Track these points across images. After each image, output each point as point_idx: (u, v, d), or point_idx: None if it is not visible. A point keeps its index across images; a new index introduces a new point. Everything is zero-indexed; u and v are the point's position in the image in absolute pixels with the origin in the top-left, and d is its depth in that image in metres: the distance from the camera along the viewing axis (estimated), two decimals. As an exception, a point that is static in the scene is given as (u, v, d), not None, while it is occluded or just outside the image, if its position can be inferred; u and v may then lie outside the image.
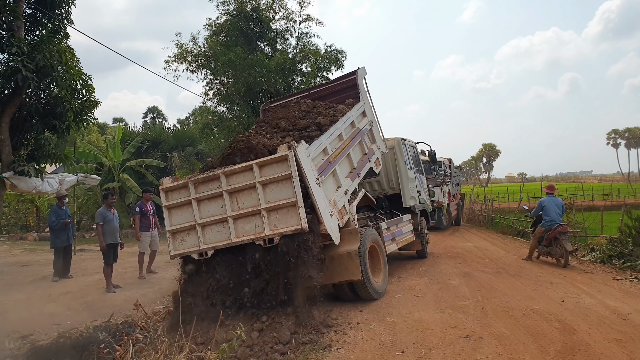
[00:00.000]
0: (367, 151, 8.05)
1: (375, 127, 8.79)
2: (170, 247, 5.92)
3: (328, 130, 6.59)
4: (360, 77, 8.68)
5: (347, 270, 6.06)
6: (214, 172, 5.62)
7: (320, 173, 5.90)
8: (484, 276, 8.29)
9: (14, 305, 7.19)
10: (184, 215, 5.86)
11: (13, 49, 8.50)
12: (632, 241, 9.20)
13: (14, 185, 9.41)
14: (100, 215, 8.36)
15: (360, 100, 8.35)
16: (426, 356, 4.37)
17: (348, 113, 7.50)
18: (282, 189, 5.29)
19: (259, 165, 5.38)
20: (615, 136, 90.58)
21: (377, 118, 8.96)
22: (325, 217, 5.61)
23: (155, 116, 64.71)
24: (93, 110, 10.36)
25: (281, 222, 5.25)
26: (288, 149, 5.26)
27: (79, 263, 10.57)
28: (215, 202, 5.65)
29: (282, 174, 5.25)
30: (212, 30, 20.43)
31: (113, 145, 18.88)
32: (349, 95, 8.70)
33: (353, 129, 7.62)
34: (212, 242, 5.58)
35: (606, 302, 6.23)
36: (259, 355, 4.46)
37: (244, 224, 5.48)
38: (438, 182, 17.48)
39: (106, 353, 3.90)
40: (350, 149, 7.21)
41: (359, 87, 8.56)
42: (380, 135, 9.03)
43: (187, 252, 5.73)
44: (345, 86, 8.86)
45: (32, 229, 18.67)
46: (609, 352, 4.34)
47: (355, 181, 7.22)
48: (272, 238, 5.20)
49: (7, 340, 5.86)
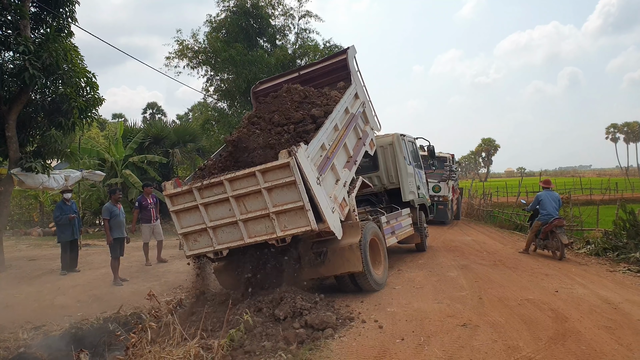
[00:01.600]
0: (361, 135, 8.00)
1: (368, 107, 8.65)
2: (185, 248, 6.08)
3: (324, 124, 6.51)
4: (350, 57, 8.37)
5: (349, 262, 6.27)
6: (216, 179, 5.70)
7: (320, 171, 5.98)
8: (482, 268, 8.52)
9: (25, 298, 7.40)
10: (192, 218, 5.97)
11: (20, 48, 8.65)
12: (626, 234, 9.43)
13: (21, 182, 9.61)
14: (107, 210, 8.57)
15: (351, 82, 8.10)
16: (425, 343, 4.59)
17: (341, 100, 7.30)
18: (288, 193, 5.42)
19: (262, 172, 5.47)
20: (614, 130, 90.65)
21: (369, 97, 8.75)
22: (328, 215, 5.75)
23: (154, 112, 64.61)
24: (97, 107, 10.54)
25: (291, 224, 5.42)
26: (289, 155, 5.31)
27: (85, 257, 10.78)
28: (222, 205, 5.76)
29: (285, 179, 5.36)
30: (212, 27, 20.57)
31: (115, 141, 19.05)
32: (340, 76, 8.48)
33: (347, 115, 7.52)
34: (226, 242, 5.75)
35: (598, 292, 6.46)
36: (265, 344, 4.66)
37: (254, 225, 5.64)
38: (444, 177, 17.81)
39: (123, 339, 4.10)
40: (346, 137, 7.17)
41: (350, 68, 8.28)
42: (373, 114, 8.89)
43: (202, 252, 5.92)
44: (336, 67, 8.56)
45: (36, 225, 18.86)
46: (598, 338, 4.57)
47: (353, 170, 7.27)
48: (284, 238, 5.40)
49: (20, 330, 6.09)
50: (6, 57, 9.56)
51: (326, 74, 8.70)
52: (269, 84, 9.15)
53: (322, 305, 5.67)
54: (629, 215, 9.52)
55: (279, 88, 8.55)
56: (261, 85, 9.27)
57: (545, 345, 4.40)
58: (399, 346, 4.57)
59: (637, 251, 8.76)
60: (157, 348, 4.04)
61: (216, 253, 5.83)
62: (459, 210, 21.39)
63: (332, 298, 6.56)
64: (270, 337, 4.70)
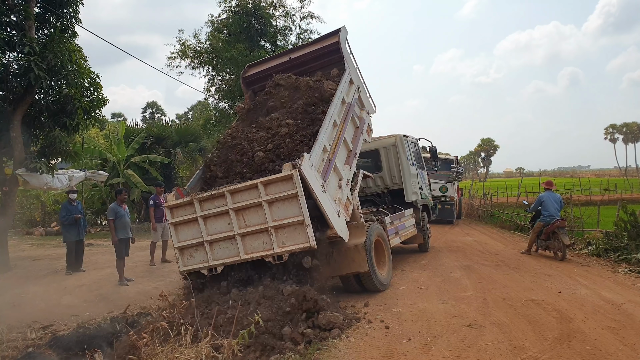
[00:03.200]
0: (359, 123, 7.80)
1: (363, 90, 8.32)
2: (179, 264, 6.03)
3: (323, 124, 6.31)
4: (342, 40, 7.90)
5: (354, 262, 6.34)
6: (218, 190, 5.70)
7: (324, 176, 5.95)
8: (485, 269, 8.58)
9: (31, 298, 7.43)
10: (190, 232, 5.94)
11: (25, 49, 8.69)
12: (627, 235, 9.49)
13: (26, 182, 9.65)
14: (112, 210, 8.61)
15: (345, 67, 7.72)
16: (432, 343, 4.65)
17: (337, 92, 6.98)
18: (288, 207, 5.36)
19: (264, 184, 5.45)
20: (613, 131, 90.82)
21: (362, 79, 8.35)
22: (334, 220, 5.80)
23: (154, 111, 64.57)
24: (101, 107, 10.59)
25: (289, 240, 5.33)
26: (293, 167, 5.28)
27: (89, 257, 10.80)
28: (222, 218, 5.73)
29: (287, 192, 5.31)
30: (214, 27, 20.66)
31: (117, 141, 19.08)
32: (332, 59, 8.07)
33: (344, 106, 7.27)
34: (222, 259, 5.70)
35: (601, 293, 6.52)
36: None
37: (252, 240, 5.57)
38: (451, 178, 18.67)
39: (135, 339, 4.15)
40: (345, 132, 7.00)
41: (343, 51, 7.83)
42: (368, 96, 8.55)
43: (196, 268, 5.85)
44: (328, 50, 8.09)
45: (38, 224, 18.88)
46: (602, 338, 4.63)
47: (353, 165, 7.20)
48: (281, 255, 5.33)
49: (28, 330, 6.12)
50: (11, 58, 9.60)
51: (318, 57, 8.26)
52: (258, 69, 8.73)
53: (329, 305, 5.72)
54: (630, 216, 9.58)
55: (268, 73, 8.31)
56: (250, 70, 8.85)
57: (551, 346, 4.46)
58: (406, 346, 4.62)
59: (638, 252, 8.83)
60: (168, 348, 4.09)
61: (211, 269, 5.76)
62: (460, 210, 22.06)
63: (337, 298, 6.63)
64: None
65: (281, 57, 8.60)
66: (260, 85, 8.60)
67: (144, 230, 15.91)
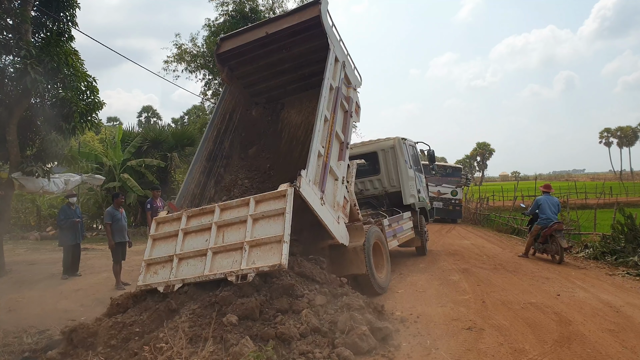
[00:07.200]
0: (347, 106, 7.32)
1: (349, 65, 7.74)
2: (139, 278, 5.64)
3: (315, 125, 5.96)
4: (324, 13, 7.02)
5: (353, 264, 6.33)
6: (209, 206, 5.58)
7: (322, 187, 5.78)
8: (483, 272, 8.58)
9: (27, 302, 7.37)
10: (166, 248, 5.66)
11: (22, 52, 8.65)
12: (624, 238, 9.53)
13: (22, 185, 9.60)
14: (109, 214, 8.56)
15: (329, 44, 6.97)
16: (432, 346, 4.63)
17: (324, 80, 6.47)
18: (272, 225, 5.06)
19: (257, 201, 5.30)
20: (608, 135, 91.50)
21: (346, 51, 7.68)
22: (334, 229, 5.80)
23: (150, 115, 64.37)
24: (98, 111, 10.53)
25: (261, 259, 4.91)
26: (290, 186, 5.10)
27: (86, 261, 10.74)
28: (201, 235, 5.47)
29: (276, 208, 5.06)
30: (211, 31, 20.66)
31: (114, 145, 19.01)
32: (313, 34, 7.27)
33: (332, 93, 6.76)
34: (183, 276, 5.26)
35: (600, 295, 6.53)
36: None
37: (222, 259, 5.17)
38: (460, 183, 22.45)
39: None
40: (335, 124, 6.63)
41: (325, 27, 6.98)
42: (353, 68, 7.96)
43: (154, 285, 5.39)
44: (307, 25, 7.23)
45: (33, 229, 18.75)
46: (602, 341, 4.64)
47: (346, 157, 6.94)
48: (245, 275, 4.79)
49: (25, 335, 6.05)
50: (7, 61, 9.56)
51: (297, 32, 7.46)
52: (233, 44, 7.88)
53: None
54: (627, 219, 9.62)
55: (243, 49, 7.74)
56: (225, 45, 7.96)
57: (551, 348, 4.45)
58: (406, 349, 4.60)
59: (635, 255, 8.86)
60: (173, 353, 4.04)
61: (167, 286, 5.28)
62: (460, 211, 23.71)
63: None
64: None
65: (257, 31, 7.65)
66: (236, 61, 8.06)
67: (140, 234, 15.84)
